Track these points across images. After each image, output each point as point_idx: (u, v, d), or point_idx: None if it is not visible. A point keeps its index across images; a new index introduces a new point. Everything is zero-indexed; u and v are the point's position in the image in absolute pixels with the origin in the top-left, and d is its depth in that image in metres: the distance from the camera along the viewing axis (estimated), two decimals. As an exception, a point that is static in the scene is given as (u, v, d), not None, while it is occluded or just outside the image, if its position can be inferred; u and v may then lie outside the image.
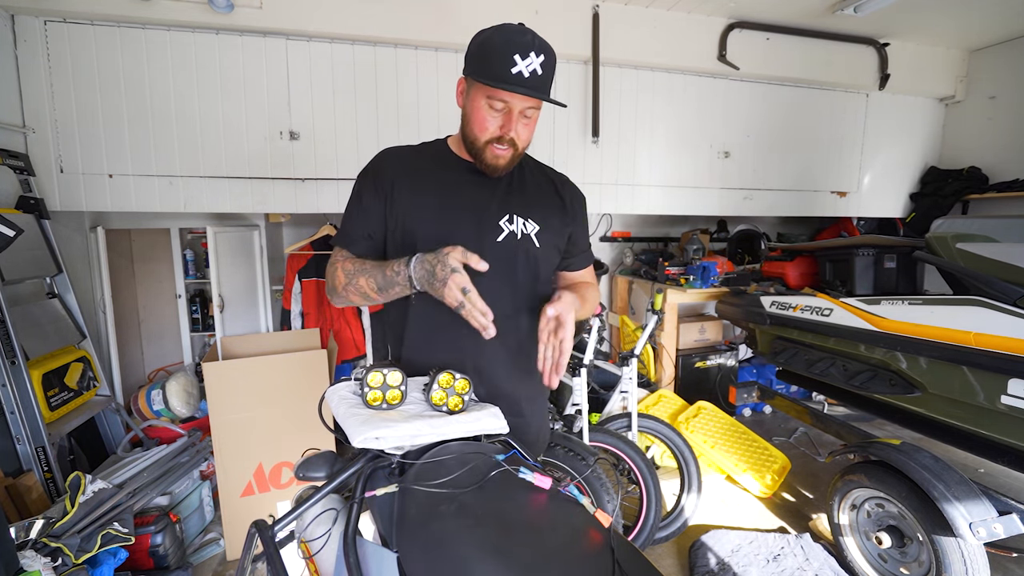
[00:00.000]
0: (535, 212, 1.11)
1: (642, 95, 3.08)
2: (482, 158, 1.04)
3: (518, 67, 0.92)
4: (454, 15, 2.57)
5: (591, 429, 2.15)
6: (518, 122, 1.00)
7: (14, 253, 1.91)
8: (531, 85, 0.94)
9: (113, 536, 1.64)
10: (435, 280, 0.89)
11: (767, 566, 1.99)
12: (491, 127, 1.00)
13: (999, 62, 3.40)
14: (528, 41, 0.93)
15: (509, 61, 0.92)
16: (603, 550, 0.64)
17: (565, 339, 0.95)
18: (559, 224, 1.15)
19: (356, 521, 0.72)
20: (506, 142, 1.01)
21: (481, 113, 1.00)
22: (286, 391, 2.19)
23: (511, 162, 1.05)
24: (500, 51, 0.93)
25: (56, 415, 2.07)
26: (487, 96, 0.98)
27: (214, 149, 2.45)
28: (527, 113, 1.00)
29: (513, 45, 0.93)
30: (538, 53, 0.94)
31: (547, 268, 1.16)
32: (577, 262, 1.24)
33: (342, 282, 1.04)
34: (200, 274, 3.29)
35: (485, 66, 0.95)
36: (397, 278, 0.95)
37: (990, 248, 1.68)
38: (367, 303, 1.06)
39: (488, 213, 1.07)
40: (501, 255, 1.07)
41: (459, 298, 0.86)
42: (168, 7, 2.23)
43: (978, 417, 1.67)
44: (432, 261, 0.90)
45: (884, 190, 3.71)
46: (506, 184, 1.11)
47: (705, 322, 3.57)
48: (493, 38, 0.96)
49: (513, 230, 1.08)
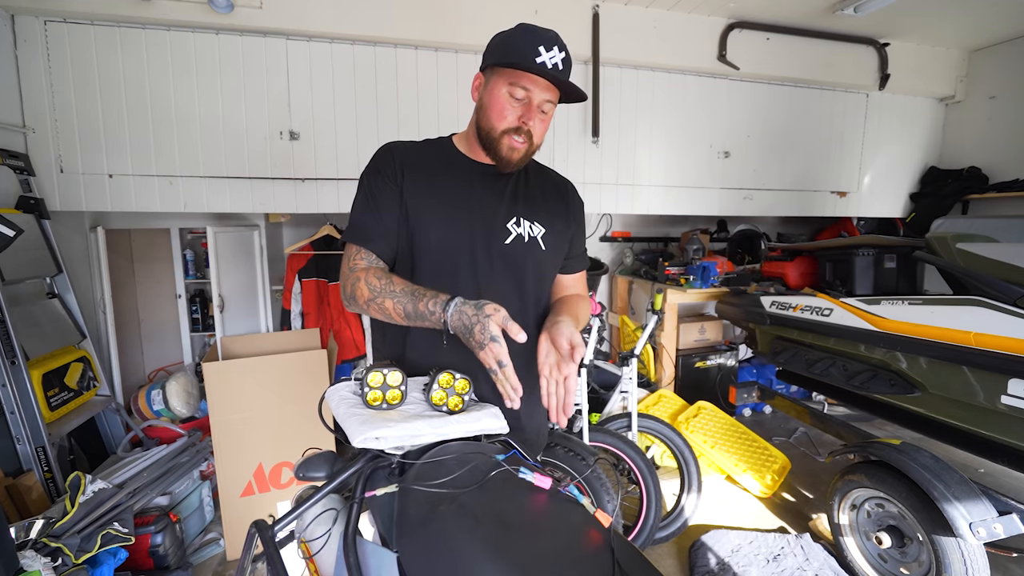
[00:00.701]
0: (541, 215, 1.11)
1: (642, 95, 3.08)
2: (497, 149, 1.02)
3: (543, 57, 0.94)
4: (454, 15, 2.57)
5: (591, 429, 2.15)
6: (537, 114, 1.00)
7: (14, 253, 1.91)
8: (555, 76, 0.95)
9: (113, 536, 1.64)
10: (471, 339, 0.85)
11: (767, 566, 1.99)
12: (510, 116, 0.99)
13: (999, 62, 3.40)
14: (552, 36, 0.96)
15: (534, 51, 0.94)
16: (603, 550, 0.64)
17: (570, 376, 0.91)
18: (563, 227, 1.15)
19: (356, 521, 0.72)
20: (523, 134, 1.00)
21: (501, 102, 0.99)
22: (286, 391, 2.19)
23: (524, 157, 1.05)
24: (526, 41, 0.95)
25: (56, 415, 2.07)
26: (509, 83, 0.98)
27: (214, 149, 2.45)
28: (544, 107, 1.00)
29: (539, 37, 0.95)
30: (561, 49, 0.96)
31: (552, 271, 1.16)
32: (573, 264, 1.23)
33: (365, 296, 0.97)
34: (200, 274, 3.29)
35: (510, 53, 0.96)
36: (431, 317, 0.89)
37: (990, 248, 1.68)
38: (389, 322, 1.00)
39: (496, 216, 1.06)
40: (508, 258, 1.06)
41: (494, 368, 0.84)
42: (168, 7, 2.23)
43: (978, 417, 1.67)
44: (472, 317, 0.84)
45: (884, 190, 3.71)
46: (512, 186, 1.11)
47: (705, 322, 3.57)
48: (517, 32, 0.98)
49: (520, 233, 1.07)
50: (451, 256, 1.04)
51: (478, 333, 0.83)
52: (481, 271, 1.05)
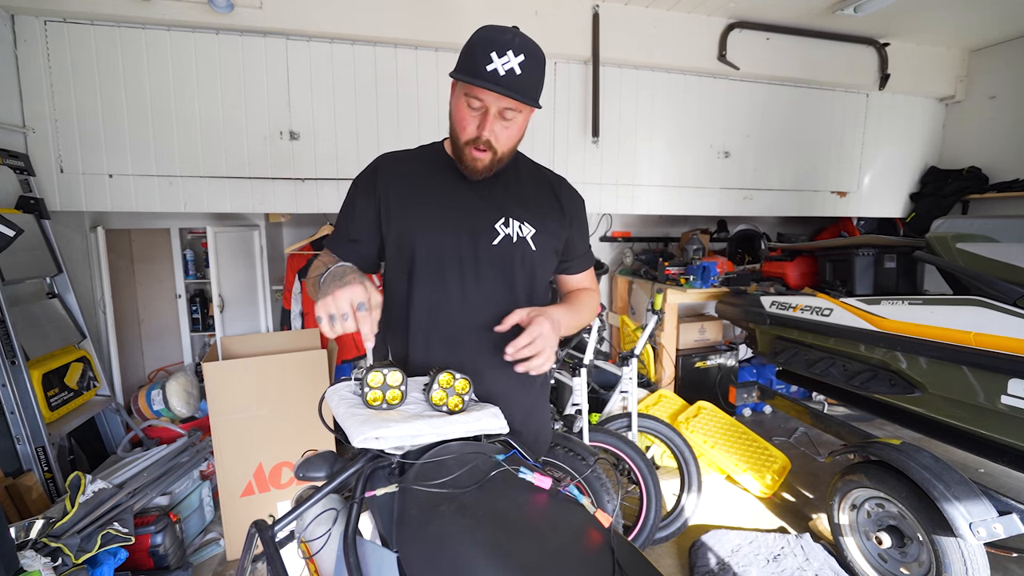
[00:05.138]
0: (531, 215, 1.10)
1: (642, 95, 3.08)
2: (462, 159, 1.03)
3: (493, 64, 0.90)
4: (454, 15, 2.57)
5: (591, 429, 2.15)
6: (495, 123, 0.97)
7: (14, 253, 1.91)
8: (506, 84, 0.90)
9: (113, 536, 1.64)
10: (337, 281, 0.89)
11: (767, 566, 1.99)
12: (469, 127, 0.98)
13: (999, 62, 3.40)
14: (507, 40, 0.91)
15: (485, 58, 0.90)
16: (603, 550, 0.64)
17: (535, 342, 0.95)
18: (556, 226, 1.14)
19: (356, 521, 0.72)
20: (483, 143, 0.99)
21: (461, 112, 0.98)
22: (286, 391, 2.19)
23: (491, 166, 1.03)
24: (478, 48, 0.92)
25: (56, 415, 2.07)
26: (465, 93, 0.96)
27: (214, 149, 2.45)
28: (506, 115, 0.96)
29: (490, 43, 0.91)
30: (517, 52, 0.90)
31: (544, 271, 1.15)
32: (576, 265, 1.22)
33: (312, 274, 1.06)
34: (200, 274, 3.29)
35: (463, 62, 0.95)
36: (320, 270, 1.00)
37: (990, 248, 1.68)
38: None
39: (484, 217, 1.07)
40: (497, 259, 1.06)
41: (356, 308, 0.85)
42: (168, 7, 2.23)
43: (978, 417, 1.67)
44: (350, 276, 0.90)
45: (884, 190, 3.71)
46: (502, 187, 1.10)
47: (705, 322, 3.57)
48: (474, 37, 0.95)
49: (508, 233, 1.07)
50: (439, 260, 1.05)
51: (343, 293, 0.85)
52: (468, 273, 1.05)
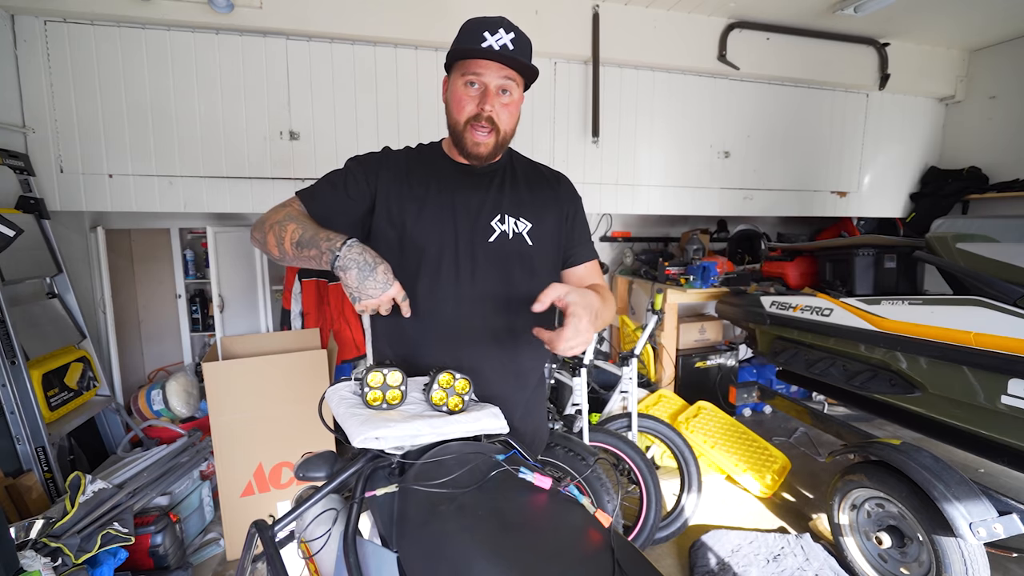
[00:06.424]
0: (527, 210, 1.11)
1: (642, 95, 3.08)
2: (463, 144, 1.03)
3: (488, 41, 0.95)
4: (454, 15, 2.57)
5: (591, 429, 2.15)
6: (496, 99, 1.00)
7: (14, 253, 1.90)
8: (502, 55, 0.96)
9: (113, 536, 1.64)
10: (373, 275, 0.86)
11: (767, 566, 1.99)
12: (469, 106, 1.00)
13: (999, 62, 3.40)
14: (496, 21, 0.97)
15: (479, 37, 0.96)
16: (603, 550, 0.64)
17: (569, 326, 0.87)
18: (553, 221, 1.14)
19: (356, 521, 0.72)
20: (485, 120, 1.00)
21: (459, 94, 1.01)
22: (286, 391, 2.19)
23: (494, 149, 1.04)
24: (471, 30, 0.98)
25: (56, 415, 2.07)
26: (462, 74, 1.00)
27: (214, 149, 2.45)
28: (506, 88, 1.00)
29: (481, 24, 0.97)
30: (508, 30, 0.97)
31: (544, 265, 1.13)
32: (578, 253, 1.19)
33: (275, 220, 0.98)
34: (200, 274, 3.29)
35: (457, 47, 0.99)
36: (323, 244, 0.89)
37: (990, 248, 1.69)
38: (273, 251, 0.99)
39: (480, 214, 1.07)
40: (494, 256, 1.06)
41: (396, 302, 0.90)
42: (168, 7, 2.23)
43: (978, 417, 1.67)
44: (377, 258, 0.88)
45: (884, 190, 3.71)
46: (498, 183, 1.11)
47: (705, 322, 3.57)
48: (463, 26, 1.01)
49: (505, 230, 1.08)
50: (435, 257, 1.05)
51: (382, 273, 0.87)
52: (463, 271, 1.05)
